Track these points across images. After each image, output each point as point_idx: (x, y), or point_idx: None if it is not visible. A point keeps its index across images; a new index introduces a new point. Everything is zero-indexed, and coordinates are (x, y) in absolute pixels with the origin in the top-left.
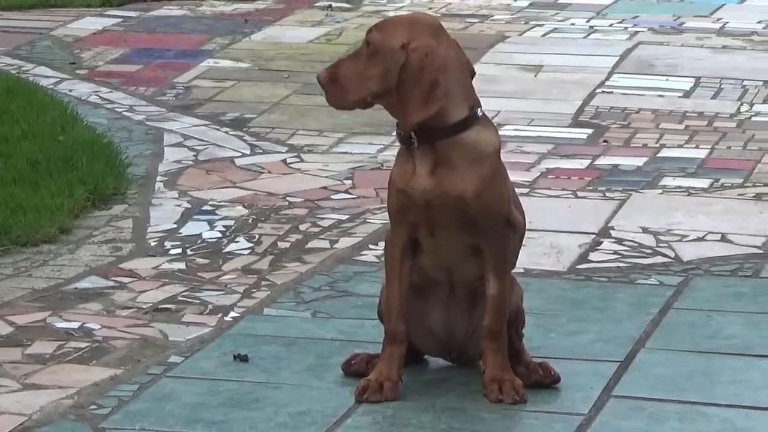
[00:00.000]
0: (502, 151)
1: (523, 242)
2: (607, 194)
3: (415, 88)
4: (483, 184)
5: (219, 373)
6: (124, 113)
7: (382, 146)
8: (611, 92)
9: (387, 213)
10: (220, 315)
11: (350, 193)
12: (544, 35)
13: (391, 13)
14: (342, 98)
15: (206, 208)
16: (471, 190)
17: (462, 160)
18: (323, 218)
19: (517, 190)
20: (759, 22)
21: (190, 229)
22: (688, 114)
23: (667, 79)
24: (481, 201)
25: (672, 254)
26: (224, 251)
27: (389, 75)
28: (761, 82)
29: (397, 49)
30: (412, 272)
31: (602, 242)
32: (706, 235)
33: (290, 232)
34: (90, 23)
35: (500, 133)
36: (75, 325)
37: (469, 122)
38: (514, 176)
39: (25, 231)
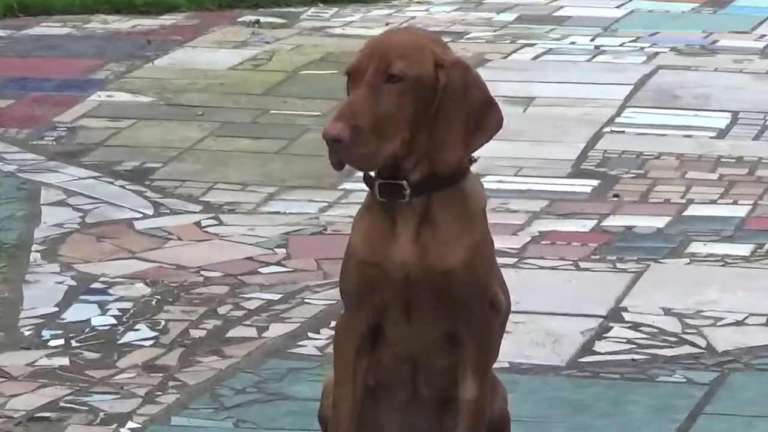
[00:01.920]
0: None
1: (507, 328)
2: (619, 265)
3: (464, 111)
4: (474, 253)
5: None
6: None
7: (324, 203)
8: (623, 132)
9: (339, 292)
10: (115, 426)
11: (284, 266)
12: (535, 58)
13: (338, 30)
14: (375, 153)
15: (96, 285)
16: (461, 262)
17: (453, 221)
18: (249, 298)
19: (499, 260)
20: None
21: (75, 313)
22: (723, 159)
23: (696, 115)
24: (470, 275)
25: (703, 343)
26: (120, 342)
27: (425, 105)
28: None
29: (432, 72)
30: (369, 369)
31: (612, 328)
32: (746, 317)
33: (206, 316)
34: None
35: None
36: None
37: (466, 170)
38: (497, 242)
39: None
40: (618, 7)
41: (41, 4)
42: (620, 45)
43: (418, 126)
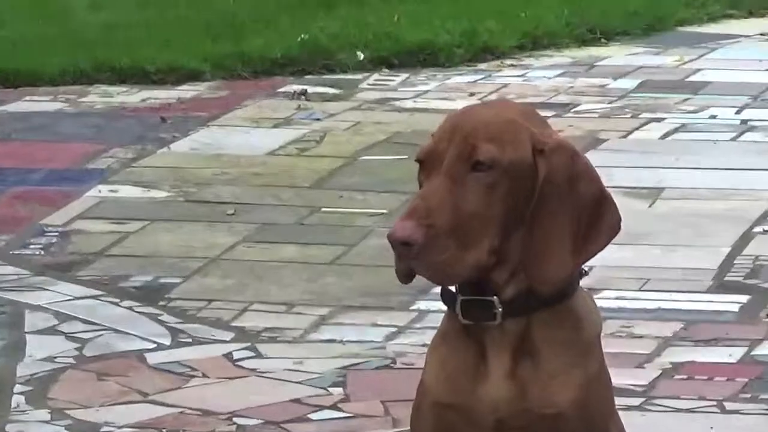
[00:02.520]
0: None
1: None
2: None
3: (570, 210)
4: (588, 392)
5: None
6: None
7: (392, 329)
8: None
9: None
10: None
11: (341, 410)
12: (664, 137)
13: (408, 103)
14: (455, 262)
15: None
16: (571, 403)
17: (559, 351)
18: None
19: (619, 401)
20: None
21: None
22: None
23: None
24: (583, 421)
25: None
26: None
27: (521, 202)
28: None
29: (530, 159)
30: None
31: None
32: None
33: None
34: None
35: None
36: None
37: (575, 284)
38: (617, 377)
39: None
40: None
41: (25, 71)
42: None
43: (511, 228)
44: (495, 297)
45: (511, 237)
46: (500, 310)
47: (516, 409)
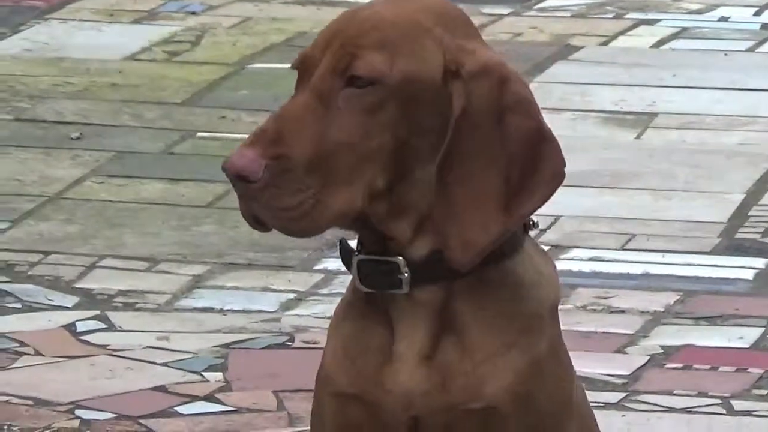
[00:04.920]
0: (561, 308)
1: None
2: None
3: (498, 153)
4: (531, 379)
5: None
6: None
7: (290, 295)
8: None
9: None
10: None
11: (220, 402)
12: (657, 45)
13: None
14: (319, 208)
15: None
16: (508, 393)
17: (493, 327)
18: None
19: (592, 396)
20: None
21: None
22: None
23: None
24: (525, 416)
25: None
26: None
27: (423, 134)
28: None
29: (437, 79)
30: None
31: None
32: None
33: None
34: None
35: (560, 266)
36: None
37: (517, 241)
38: (590, 364)
39: None
40: None
41: None
42: None
43: (408, 167)
44: (399, 258)
45: (411, 179)
46: (407, 275)
47: (435, 404)
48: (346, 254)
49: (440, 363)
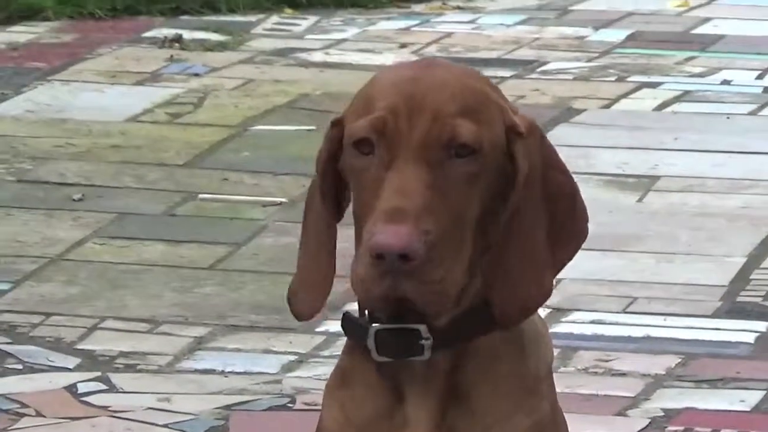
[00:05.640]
0: (563, 370)
1: None
2: None
3: (544, 209)
4: None
5: None
6: None
7: (292, 357)
8: None
9: None
10: None
11: None
12: (659, 108)
13: (317, 55)
14: (453, 281)
15: None
16: None
17: (500, 389)
18: None
19: None
20: None
21: None
22: None
23: None
24: None
25: None
26: None
27: (493, 200)
28: None
29: (503, 143)
30: None
31: None
32: None
33: None
34: None
35: (562, 329)
36: None
37: None
38: (589, 428)
39: None
40: None
41: None
42: None
43: (487, 235)
44: (423, 325)
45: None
46: (429, 341)
47: None
48: (355, 326)
49: (450, 428)
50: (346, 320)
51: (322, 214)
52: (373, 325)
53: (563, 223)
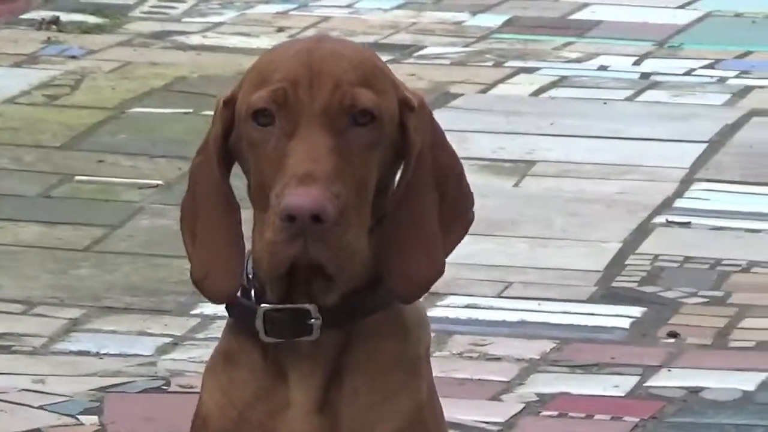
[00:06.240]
0: (438, 355)
1: None
2: None
3: (436, 190)
4: (417, 421)
5: None
6: None
7: (167, 339)
8: (688, 224)
9: None
10: None
11: None
12: (536, 93)
13: (195, 38)
14: (361, 244)
15: None
16: None
17: (383, 370)
18: None
19: None
20: None
21: None
22: None
23: None
24: None
25: None
26: None
27: (385, 171)
28: None
29: (397, 116)
30: None
31: None
32: None
33: None
34: None
35: (437, 313)
36: None
37: None
38: (464, 412)
39: None
40: (682, 6)
41: None
42: (685, 73)
43: (380, 204)
44: (312, 305)
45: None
46: (318, 321)
47: None
48: (241, 307)
49: (332, 409)
50: (232, 301)
51: (222, 194)
52: (262, 305)
53: (453, 204)
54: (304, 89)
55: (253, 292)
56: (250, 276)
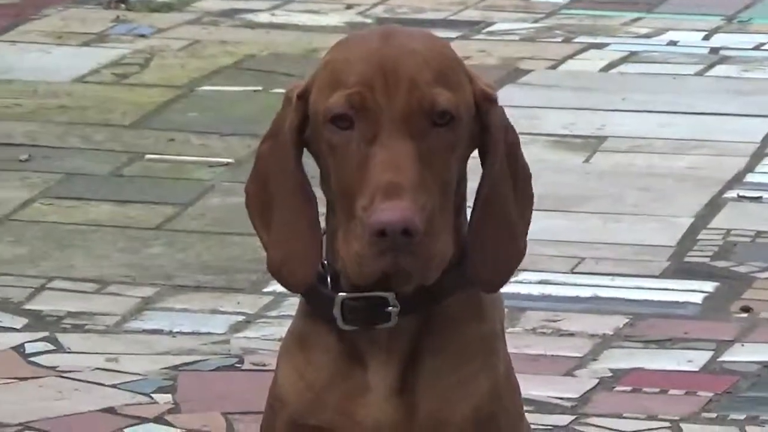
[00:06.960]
0: (510, 331)
1: None
2: (750, 429)
3: (512, 177)
4: (495, 398)
5: None
6: None
7: (239, 317)
8: (759, 198)
9: None
10: None
11: (169, 423)
12: (606, 69)
13: (263, 16)
14: (448, 253)
15: None
16: (474, 414)
17: (463, 351)
18: None
19: (540, 420)
20: None
21: None
22: None
23: None
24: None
25: None
26: None
27: (464, 168)
28: None
29: (473, 110)
30: None
31: None
32: None
33: None
34: None
35: (510, 289)
36: None
37: None
38: (537, 387)
39: None
40: None
41: None
42: (754, 48)
43: (461, 203)
44: (390, 293)
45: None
46: (396, 308)
47: (407, 429)
48: (319, 294)
49: (411, 392)
50: (312, 291)
51: (299, 185)
52: (340, 294)
53: (523, 186)
54: (381, 92)
55: (329, 279)
56: (325, 263)
